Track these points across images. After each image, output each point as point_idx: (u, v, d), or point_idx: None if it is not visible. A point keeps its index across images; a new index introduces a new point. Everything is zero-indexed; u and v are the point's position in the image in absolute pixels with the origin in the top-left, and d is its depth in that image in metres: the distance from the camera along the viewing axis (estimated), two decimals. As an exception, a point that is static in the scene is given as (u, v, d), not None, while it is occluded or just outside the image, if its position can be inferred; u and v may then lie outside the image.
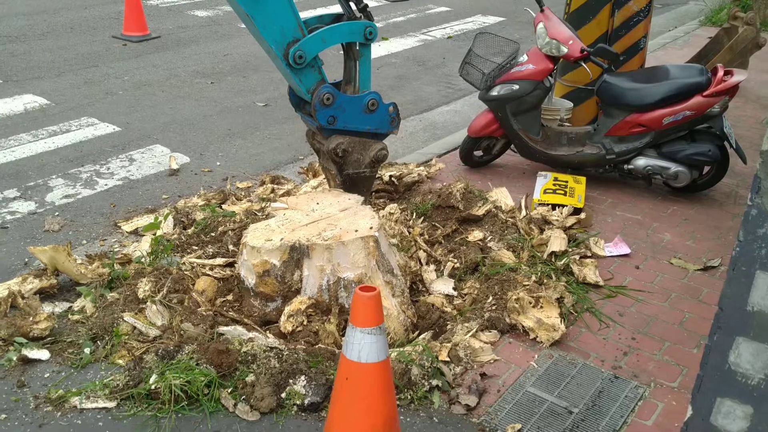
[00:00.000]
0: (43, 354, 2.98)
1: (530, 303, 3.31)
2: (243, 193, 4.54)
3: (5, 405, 2.74)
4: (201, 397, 2.74)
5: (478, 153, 4.98)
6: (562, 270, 3.68)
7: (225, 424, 2.68)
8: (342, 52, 3.59)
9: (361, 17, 3.50)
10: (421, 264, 3.70)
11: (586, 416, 2.79)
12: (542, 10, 4.68)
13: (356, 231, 3.14)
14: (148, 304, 3.19)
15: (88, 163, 5.04)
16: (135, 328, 3.10)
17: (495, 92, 4.60)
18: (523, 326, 3.24)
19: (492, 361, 3.07)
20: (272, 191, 4.46)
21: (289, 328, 3.07)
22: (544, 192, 4.36)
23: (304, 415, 2.73)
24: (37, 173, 4.85)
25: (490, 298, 3.38)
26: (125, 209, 4.44)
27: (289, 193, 4.39)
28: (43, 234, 4.12)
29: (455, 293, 3.51)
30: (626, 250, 3.99)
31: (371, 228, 3.17)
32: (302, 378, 2.79)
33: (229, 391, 2.78)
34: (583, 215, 4.24)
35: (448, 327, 3.25)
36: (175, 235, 3.86)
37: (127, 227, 4.14)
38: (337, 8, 3.68)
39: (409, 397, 2.83)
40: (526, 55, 4.62)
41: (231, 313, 3.21)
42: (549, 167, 4.77)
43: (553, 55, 4.53)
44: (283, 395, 2.76)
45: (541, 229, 4.01)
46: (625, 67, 5.11)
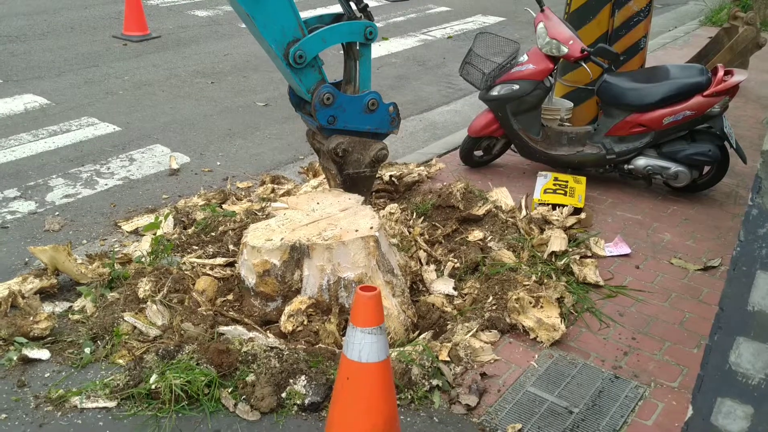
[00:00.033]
0: (44, 354, 2.98)
1: (530, 303, 3.31)
2: (243, 193, 4.54)
3: (6, 405, 2.74)
4: (201, 396, 2.74)
5: (479, 153, 4.98)
6: (563, 270, 3.68)
7: (225, 424, 2.68)
8: (342, 52, 3.59)
9: (362, 17, 3.50)
10: (422, 264, 3.70)
11: (587, 416, 2.79)
12: (542, 10, 4.68)
13: (356, 231, 3.14)
14: (149, 303, 3.19)
15: (89, 163, 5.04)
16: (135, 328, 3.11)
17: (495, 92, 4.60)
18: (524, 326, 3.24)
19: (492, 361, 3.07)
20: (272, 191, 4.46)
21: (290, 328, 3.07)
22: (545, 192, 4.36)
23: (304, 414, 2.74)
24: (38, 173, 4.85)
25: (491, 298, 3.39)
26: (125, 209, 4.44)
27: (289, 192, 4.39)
28: (44, 234, 4.12)
29: (455, 293, 3.51)
30: (626, 250, 3.99)
31: (371, 228, 3.17)
32: (302, 378, 2.79)
33: (230, 390, 2.78)
34: (584, 215, 4.24)
35: (449, 327, 3.25)
36: (176, 235, 3.86)
37: (127, 227, 4.14)
38: (338, 8, 3.68)
39: (409, 396, 2.83)
40: (526, 55, 4.62)
41: (231, 313, 3.21)
42: (549, 167, 4.77)
43: (553, 55, 4.53)
44: (284, 395, 2.76)
45: (542, 229, 4.02)
46: (626, 67, 5.11)
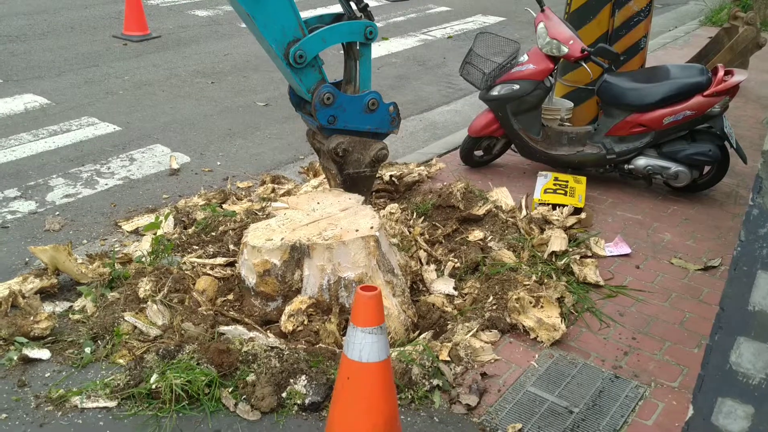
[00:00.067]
0: (44, 353, 2.98)
1: (531, 303, 3.31)
2: (243, 193, 4.54)
3: (6, 404, 2.74)
4: (202, 396, 2.74)
5: (479, 153, 4.98)
6: (563, 270, 3.68)
7: (226, 424, 2.68)
8: (342, 52, 3.59)
9: (362, 17, 3.50)
10: (422, 264, 3.70)
11: (587, 416, 2.79)
12: (543, 10, 4.68)
13: (357, 231, 3.14)
14: (149, 303, 3.19)
15: (89, 163, 5.04)
16: (136, 328, 3.11)
17: (495, 92, 4.60)
18: (524, 326, 3.24)
19: (492, 361, 3.07)
20: (273, 191, 4.46)
21: (290, 328, 3.07)
22: (545, 192, 4.36)
23: (304, 414, 2.74)
24: (38, 173, 4.85)
25: (491, 298, 3.39)
26: (126, 209, 4.44)
27: (289, 192, 4.39)
28: (44, 233, 4.12)
29: (456, 293, 3.51)
30: (627, 249, 3.99)
31: (372, 228, 3.17)
32: (303, 377, 2.79)
33: (230, 390, 2.78)
34: (584, 215, 4.24)
35: (449, 327, 3.25)
36: (176, 235, 3.86)
37: (127, 227, 4.14)
38: (338, 8, 3.68)
39: (409, 396, 2.83)
40: (526, 55, 4.62)
41: (231, 313, 3.21)
42: (549, 167, 4.77)
43: (553, 54, 4.53)
44: (284, 395, 2.76)
45: (542, 229, 4.02)
46: (626, 67, 5.11)
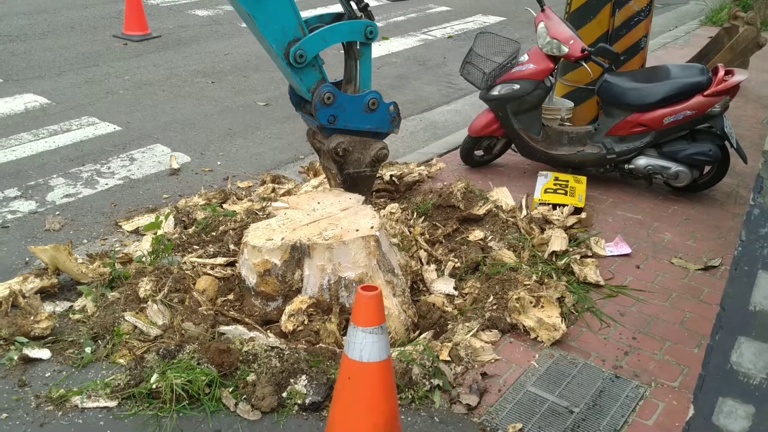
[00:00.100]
0: (44, 353, 2.98)
1: (531, 302, 3.31)
2: (244, 193, 4.54)
3: (6, 404, 2.74)
4: (202, 396, 2.74)
5: (479, 152, 4.98)
6: (563, 269, 3.68)
7: (226, 424, 2.68)
8: (342, 52, 3.58)
9: (362, 16, 3.50)
10: (422, 263, 3.70)
11: (587, 416, 2.79)
12: (543, 10, 4.68)
13: (357, 230, 3.14)
14: (149, 303, 3.19)
15: (89, 163, 5.04)
16: (136, 328, 3.11)
17: (496, 92, 4.60)
18: (524, 326, 3.24)
19: (493, 361, 3.07)
20: (273, 191, 4.46)
21: (290, 328, 3.07)
22: (545, 191, 4.36)
23: (305, 414, 2.73)
24: (38, 172, 4.85)
25: (491, 298, 3.38)
26: (126, 208, 4.44)
27: (289, 192, 4.39)
28: (44, 233, 4.12)
29: (456, 293, 3.51)
30: (627, 249, 3.99)
31: (372, 227, 3.17)
32: (303, 377, 2.79)
33: (230, 390, 2.78)
34: (584, 215, 4.24)
35: (449, 326, 3.25)
36: (176, 235, 3.86)
37: (127, 226, 4.14)
38: (338, 7, 3.68)
39: (410, 396, 2.83)
40: (526, 55, 4.62)
41: (232, 313, 3.21)
42: (550, 167, 4.77)
43: (553, 54, 4.53)
44: (284, 394, 2.76)
45: (542, 229, 4.02)
46: (626, 66, 5.11)
